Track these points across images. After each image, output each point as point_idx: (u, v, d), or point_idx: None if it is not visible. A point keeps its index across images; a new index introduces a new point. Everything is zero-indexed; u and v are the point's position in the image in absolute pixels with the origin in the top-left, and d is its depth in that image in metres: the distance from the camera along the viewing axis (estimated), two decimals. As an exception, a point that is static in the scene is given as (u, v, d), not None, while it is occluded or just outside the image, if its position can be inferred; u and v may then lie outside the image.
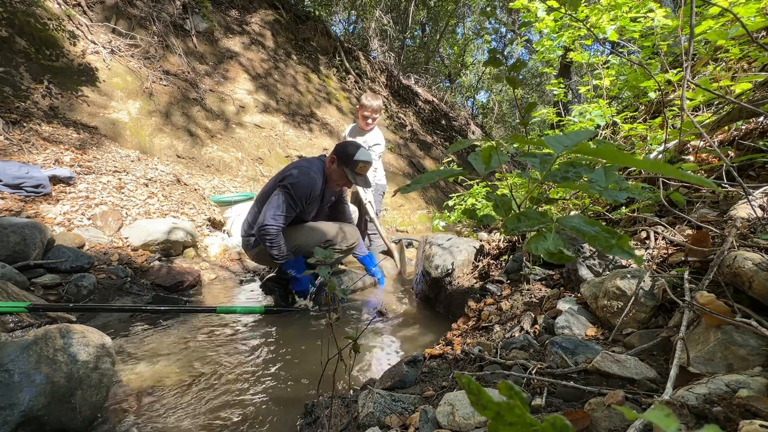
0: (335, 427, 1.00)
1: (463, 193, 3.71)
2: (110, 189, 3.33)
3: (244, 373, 1.52)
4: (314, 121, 7.33)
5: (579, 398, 0.83)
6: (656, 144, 1.94)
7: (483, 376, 1.01)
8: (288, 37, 8.21)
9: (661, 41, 2.18)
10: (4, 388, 0.98)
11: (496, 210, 0.60)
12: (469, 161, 0.67)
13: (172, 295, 2.46)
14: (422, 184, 0.62)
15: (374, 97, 3.21)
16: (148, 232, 2.86)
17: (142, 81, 5.17)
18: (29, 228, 2.13)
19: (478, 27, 14.77)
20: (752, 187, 1.28)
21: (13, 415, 0.95)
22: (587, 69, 2.92)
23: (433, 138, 10.21)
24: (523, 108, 0.89)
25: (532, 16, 2.55)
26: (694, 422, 0.61)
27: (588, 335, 1.12)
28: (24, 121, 3.65)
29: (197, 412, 1.26)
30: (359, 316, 2.21)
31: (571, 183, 0.55)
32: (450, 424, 0.81)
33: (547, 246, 0.49)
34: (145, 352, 1.67)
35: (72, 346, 1.14)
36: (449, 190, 8.45)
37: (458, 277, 2.09)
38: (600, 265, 1.41)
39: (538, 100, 17.18)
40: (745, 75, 1.85)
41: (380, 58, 10.48)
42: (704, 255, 1.08)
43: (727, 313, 0.81)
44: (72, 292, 2.09)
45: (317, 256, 0.97)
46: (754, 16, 1.54)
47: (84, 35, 4.92)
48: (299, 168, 2.22)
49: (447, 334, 1.62)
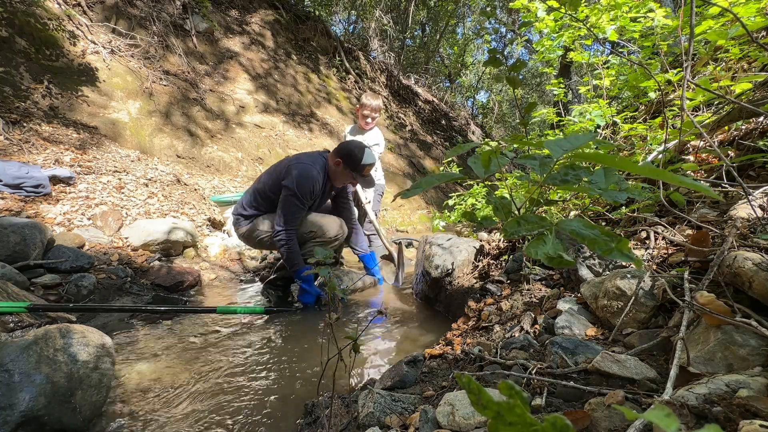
0: (335, 427, 1.00)
1: (463, 193, 3.71)
2: (110, 189, 3.33)
3: (243, 373, 1.52)
4: (314, 121, 7.33)
5: (579, 398, 0.83)
6: (656, 144, 1.94)
7: (483, 376, 1.01)
8: (288, 37, 8.21)
9: (661, 41, 2.18)
10: (4, 388, 0.98)
11: (496, 213, 0.60)
12: (468, 163, 0.67)
13: (172, 295, 2.46)
14: (422, 189, 0.62)
15: (374, 97, 3.21)
16: (148, 232, 2.86)
17: (142, 81, 5.17)
18: (29, 228, 2.13)
19: (478, 27, 14.78)
20: (752, 187, 1.28)
21: (13, 415, 0.95)
22: (587, 69, 2.92)
23: (433, 138, 10.21)
24: (523, 108, 0.89)
25: (532, 16, 2.55)
26: (694, 422, 0.61)
27: (588, 335, 1.12)
28: (24, 121, 3.65)
29: (197, 412, 1.26)
30: (359, 316, 2.21)
31: (571, 185, 0.55)
32: (450, 424, 0.81)
33: (547, 250, 0.49)
34: (145, 351, 1.67)
35: (72, 346, 1.14)
36: (449, 190, 8.45)
37: (458, 277, 2.09)
38: (600, 265, 1.41)
39: (538, 100, 17.18)
40: (745, 75, 1.85)
41: (380, 58, 10.49)
42: (704, 255, 1.08)
43: (727, 313, 0.81)
44: (72, 292, 2.09)
45: (317, 255, 0.97)
46: (754, 16, 1.54)
47: (84, 35, 4.92)
48: (300, 166, 2.22)
49: (447, 334, 1.62)
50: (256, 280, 2.93)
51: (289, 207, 2.17)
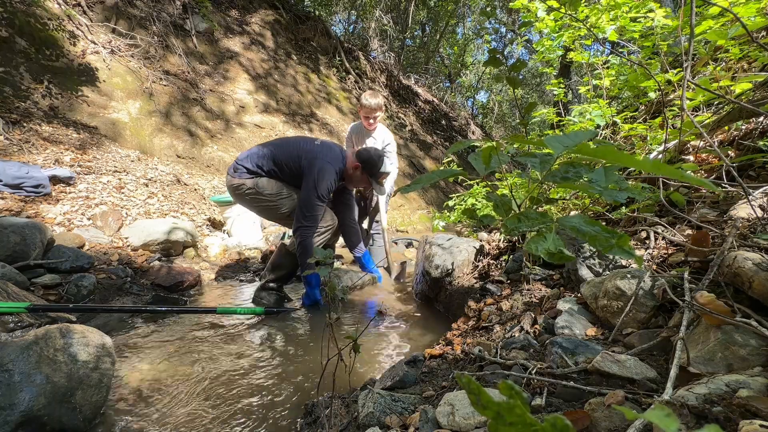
0: (335, 427, 1.00)
1: (463, 193, 3.71)
2: (110, 189, 3.33)
3: (243, 373, 1.52)
4: (314, 121, 7.33)
5: (579, 398, 0.83)
6: (656, 144, 1.94)
7: (483, 376, 1.01)
8: (288, 37, 8.21)
9: (661, 41, 2.18)
10: (5, 388, 0.98)
11: (496, 210, 0.60)
12: (469, 161, 0.67)
13: (172, 295, 2.46)
14: (422, 185, 0.62)
15: (373, 95, 3.09)
16: (148, 232, 2.86)
17: (142, 81, 5.17)
18: (29, 228, 2.13)
19: (478, 27, 14.77)
20: (752, 187, 1.28)
21: (13, 414, 0.96)
22: (587, 69, 2.92)
23: (433, 138, 10.21)
24: (523, 108, 0.89)
25: (532, 16, 2.55)
26: (694, 422, 0.61)
27: (588, 335, 1.12)
28: (24, 121, 3.65)
29: (197, 412, 1.26)
30: (359, 316, 2.21)
31: (571, 183, 0.55)
32: (450, 424, 0.81)
33: (547, 246, 0.49)
34: (145, 351, 1.67)
35: (72, 346, 1.14)
36: (449, 190, 8.46)
37: (458, 277, 2.09)
38: (600, 265, 1.41)
39: (538, 100, 17.18)
40: (745, 75, 1.85)
41: (380, 58, 10.49)
42: (704, 255, 1.08)
43: (727, 313, 0.81)
44: (72, 292, 2.09)
45: (317, 255, 0.97)
46: (754, 16, 1.54)
47: (84, 35, 4.92)
48: (325, 164, 2.25)
49: (447, 334, 1.62)
50: (256, 280, 2.93)
51: (311, 203, 2.21)
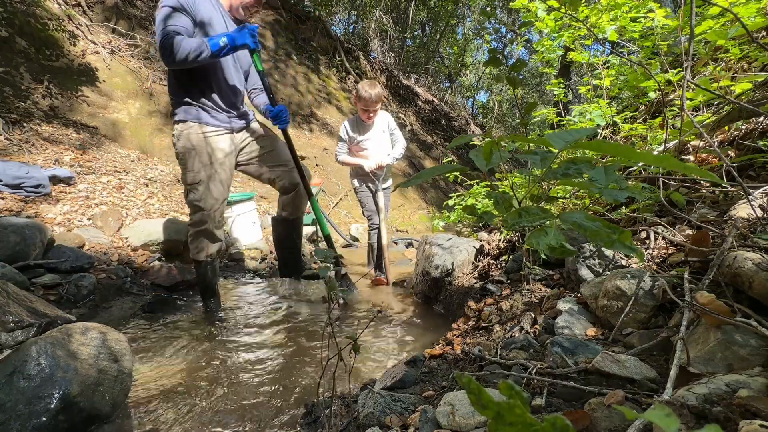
0: (335, 427, 1.00)
1: (463, 193, 3.71)
2: (110, 189, 3.33)
3: (244, 372, 1.52)
4: (314, 121, 7.34)
5: (579, 398, 0.83)
6: (656, 144, 1.94)
7: (483, 376, 1.01)
8: (288, 37, 8.21)
9: (661, 41, 2.18)
10: (41, 380, 1.07)
11: (497, 207, 0.60)
12: (469, 161, 0.67)
13: (172, 295, 2.46)
14: (422, 180, 0.62)
15: (371, 85, 2.80)
16: (148, 232, 2.86)
17: (142, 81, 5.17)
18: (29, 228, 2.13)
19: (478, 27, 14.78)
20: (752, 187, 1.28)
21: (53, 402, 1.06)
22: (587, 69, 2.92)
23: (433, 138, 10.22)
24: (523, 108, 0.89)
25: (532, 16, 2.54)
26: (694, 422, 0.61)
27: (588, 335, 1.12)
28: (24, 121, 3.65)
29: (198, 412, 1.26)
30: (359, 316, 2.21)
31: (572, 180, 0.55)
32: (450, 424, 0.81)
33: (549, 240, 0.49)
34: (146, 350, 1.67)
35: (92, 342, 1.24)
36: (449, 190, 8.46)
37: (458, 277, 2.09)
38: (600, 265, 1.41)
39: (538, 100, 17.18)
40: (745, 75, 1.85)
41: (380, 58, 10.49)
42: (704, 255, 1.08)
43: (727, 313, 0.81)
44: (72, 292, 2.09)
45: (317, 256, 0.97)
46: (754, 16, 1.54)
47: (84, 35, 4.92)
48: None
49: (447, 334, 1.62)
50: (256, 280, 2.93)
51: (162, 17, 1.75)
